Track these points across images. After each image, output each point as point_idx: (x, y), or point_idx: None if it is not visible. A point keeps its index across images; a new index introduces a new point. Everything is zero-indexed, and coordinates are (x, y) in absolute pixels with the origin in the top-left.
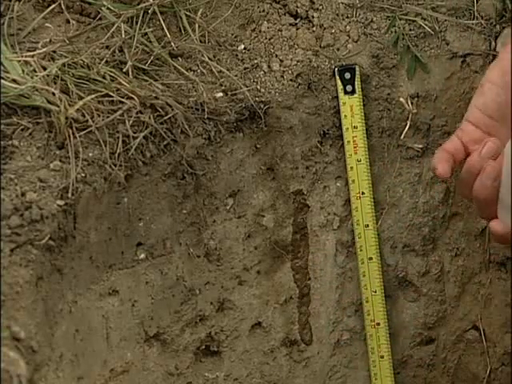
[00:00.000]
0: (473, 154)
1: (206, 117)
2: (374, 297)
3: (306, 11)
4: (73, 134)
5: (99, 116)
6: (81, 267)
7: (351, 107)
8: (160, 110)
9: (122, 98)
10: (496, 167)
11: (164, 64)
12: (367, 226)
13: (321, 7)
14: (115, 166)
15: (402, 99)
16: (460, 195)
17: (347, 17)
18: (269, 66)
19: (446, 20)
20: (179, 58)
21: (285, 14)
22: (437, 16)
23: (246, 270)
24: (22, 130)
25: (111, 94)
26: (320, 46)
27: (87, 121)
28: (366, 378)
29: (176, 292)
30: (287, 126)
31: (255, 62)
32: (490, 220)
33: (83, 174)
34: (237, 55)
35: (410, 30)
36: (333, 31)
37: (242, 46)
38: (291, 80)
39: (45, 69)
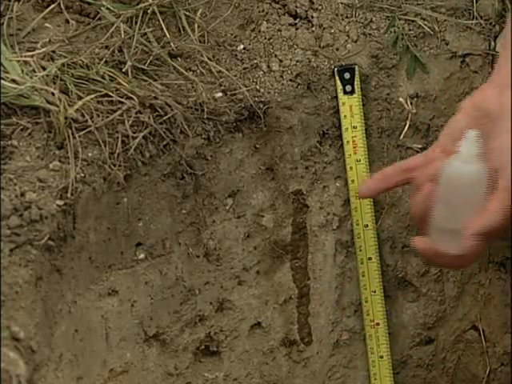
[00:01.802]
0: (420, 171)
1: (205, 117)
2: (373, 297)
3: (306, 11)
4: (72, 134)
5: (98, 116)
6: (80, 267)
7: (350, 107)
8: (159, 110)
9: (122, 98)
10: (431, 189)
11: (163, 64)
12: (366, 226)
13: (320, 7)
14: (114, 166)
15: (401, 99)
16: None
17: (346, 17)
18: (268, 66)
19: (445, 20)
20: (178, 58)
21: (284, 14)
22: (436, 16)
23: (245, 270)
24: (22, 130)
25: (110, 94)
26: (319, 46)
27: (86, 121)
28: (366, 378)
29: (175, 292)
30: (286, 126)
31: (254, 62)
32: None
33: (82, 174)
34: (236, 55)
35: (410, 30)
36: (332, 31)
37: (242, 46)
38: (290, 80)
39: (44, 69)
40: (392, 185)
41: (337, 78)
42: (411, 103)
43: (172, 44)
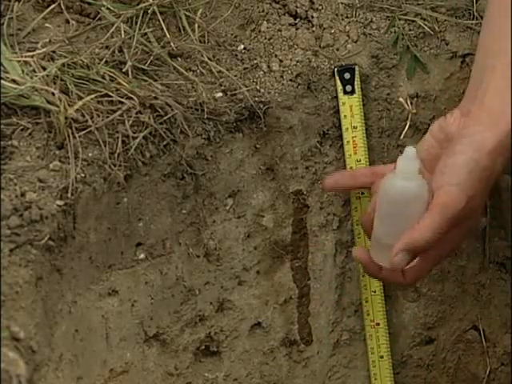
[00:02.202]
0: (378, 180)
1: (205, 117)
2: (373, 297)
3: (306, 11)
4: (72, 134)
5: (99, 116)
6: (80, 267)
7: (351, 107)
8: (159, 110)
9: (122, 98)
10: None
11: (163, 64)
12: None
13: (320, 7)
14: (115, 166)
15: (401, 99)
16: None
17: (347, 17)
18: (268, 66)
19: (445, 20)
20: (179, 58)
21: (284, 14)
22: (436, 16)
23: (245, 270)
24: (22, 130)
25: (111, 94)
26: (319, 46)
27: (87, 121)
28: (366, 378)
29: (175, 292)
30: (287, 126)
31: (255, 62)
32: None
33: (83, 174)
34: (236, 55)
35: (410, 30)
36: (332, 31)
37: (242, 46)
38: (291, 80)
39: (44, 69)
40: (357, 185)
41: (337, 78)
42: (411, 103)
43: (172, 44)
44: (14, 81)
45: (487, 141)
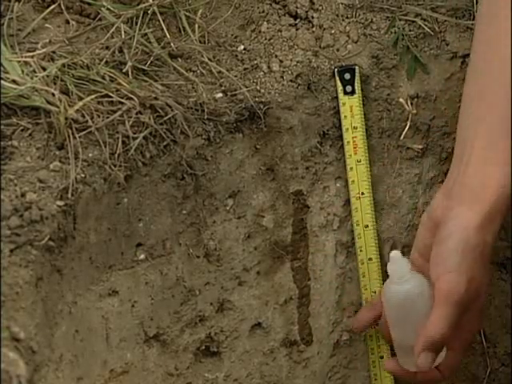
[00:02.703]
0: None
1: (205, 117)
2: (373, 297)
3: (306, 12)
4: (72, 134)
5: (99, 116)
6: (80, 268)
7: (351, 108)
8: (160, 110)
9: (122, 98)
10: None
11: (164, 64)
12: (367, 226)
13: (320, 8)
14: (115, 166)
15: (401, 100)
16: None
17: (347, 17)
18: (268, 67)
19: (445, 20)
20: (179, 59)
21: (284, 15)
22: (436, 16)
23: (245, 270)
24: (22, 130)
25: (111, 94)
26: (320, 47)
27: (87, 121)
28: (366, 378)
29: (176, 292)
30: (287, 127)
31: (255, 62)
32: None
33: (83, 175)
34: (236, 56)
35: (410, 30)
36: (332, 32)
37: (242, 47)
38: (291, 80)
39: (44, 69)
40: (381, 312)
41: (337, 78)
42: (411, 104)
43: (172, 44)
44: (14, 81)
45: (471, 219)
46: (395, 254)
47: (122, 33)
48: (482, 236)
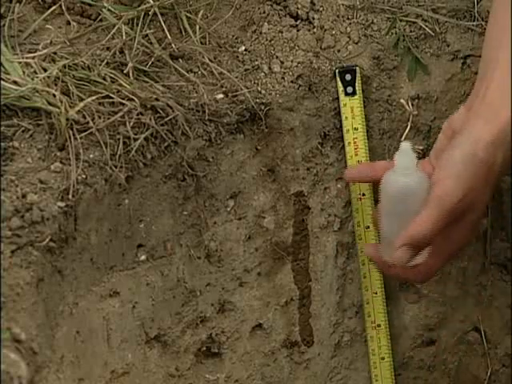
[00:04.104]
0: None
1: (206, 118)
2: (374, 298)
3: (307, 13)
4: (73, 135)
5: (100, 117)
6: (81, 269)
7: (352, 109)
8: (161, 111)
9: (123, 99)
10: None
11: (165, 65)
12: (368, 227)
13: (321, 9)
14: (116, 167)
15: (402, 101)
16: None
17: (348, 18)
18: (269, 68)
19: (446, 21)
20: (180, 60)
21: (285, 16)
22: (437, 17)
23: (246, 271)
24: (23, 131)
25: (112, 95)
26: (321, 48)
27: (88, 122)
28: (367, 379)
29: (177, 293)
30: (288, 128)
31: (256, 63)
32: None
33: (84, 176)
34: (237, 57)
35: (411, 31)
36: (333, 33)
37: (243, 48)
38: (292, 81)
39: (45, 70)
40: (378, 177)
41: (338, 79)
42: (412, 105)
43: (173, 45)
44: (14, 82)
45: (485, 134)
46: (406, 146)
47: (123, 34)
48: (491, 152)
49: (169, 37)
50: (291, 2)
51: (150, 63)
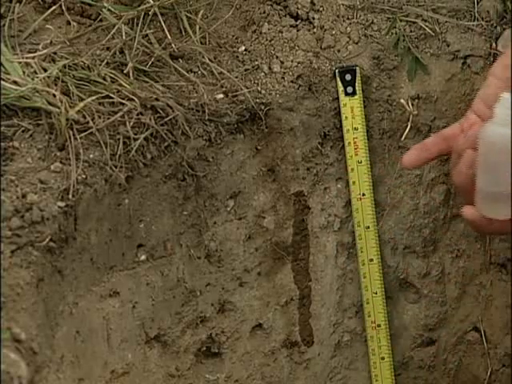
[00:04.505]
0: (459, 138)
1: (206, 118)
2: (374, 298)
3: (307, 13)
4: (73, 135)
5: (100, 117)
6: (81, 269)
7: (352, 109)
8: (161, 111)
9: (123, 99)
10: (473, 155)
11: (165, 65)
12: (368, 227)
13: (321, 9)
14: (116, 167)
15: (402, 100)
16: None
17: (348, 18)
18: (269, 68)
19: (446, 21)
20: (180, 60)
21: (285, 16)
22: (437, 17)
23: (246, 271)
24: (23, 131)
25: (112, 95)
26: (321, 48)
27: (88, 122)
28: (367, 379)
29: (177, 293)
30: (288, 128)
31: (256, 63)
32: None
33: (84, 176)
34: (237, 57)
35: (411, 31)
36: (333, 33)
37: (243, 48)
38: (292, 81)
39: (45, 70)
40: (434, 155)
41: (338, 79)
42: (412, 104)
43: (173, 45)
44: (15, 82)
45: None
46: (507, 97)
47: (123, 34)
48: None
49: (169, 37)
50: (291, 2)
51: (150, 63)
